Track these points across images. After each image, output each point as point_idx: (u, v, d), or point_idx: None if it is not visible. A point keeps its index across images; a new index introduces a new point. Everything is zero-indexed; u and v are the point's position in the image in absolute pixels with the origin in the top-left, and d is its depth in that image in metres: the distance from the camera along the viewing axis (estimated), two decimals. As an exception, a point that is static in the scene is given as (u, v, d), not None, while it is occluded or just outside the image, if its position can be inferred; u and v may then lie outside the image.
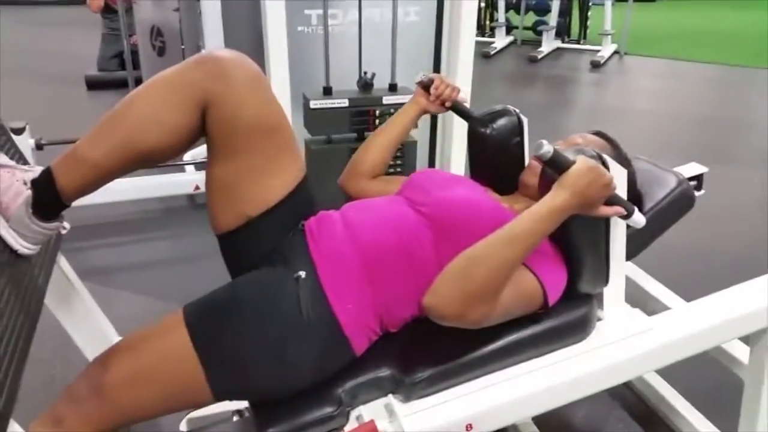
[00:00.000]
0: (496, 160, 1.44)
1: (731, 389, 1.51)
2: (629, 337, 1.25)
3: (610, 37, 6.81)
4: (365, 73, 2.24)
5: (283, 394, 1.07)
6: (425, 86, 1.45)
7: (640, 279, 1.64)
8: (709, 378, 1.69)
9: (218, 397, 1.05)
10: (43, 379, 1.80)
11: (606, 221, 1.18)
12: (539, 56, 6.64)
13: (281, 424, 1.04)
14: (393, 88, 2.30)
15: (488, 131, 1.43)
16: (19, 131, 2.50)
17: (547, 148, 1.03)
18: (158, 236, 2.90)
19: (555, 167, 1.06)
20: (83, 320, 1.40)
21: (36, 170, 1.04)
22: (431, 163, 2.62)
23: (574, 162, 1.05)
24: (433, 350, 1.14)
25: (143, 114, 1.02)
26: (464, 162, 2.01)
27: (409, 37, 2.43)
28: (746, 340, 1.40)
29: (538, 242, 1.07)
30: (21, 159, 1.28)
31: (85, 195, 1.05)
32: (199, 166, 3.11)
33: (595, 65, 6.38)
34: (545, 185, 1.10)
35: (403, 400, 1.10)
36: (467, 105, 1.48)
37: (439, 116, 2.48)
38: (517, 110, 1.45)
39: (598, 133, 1.38)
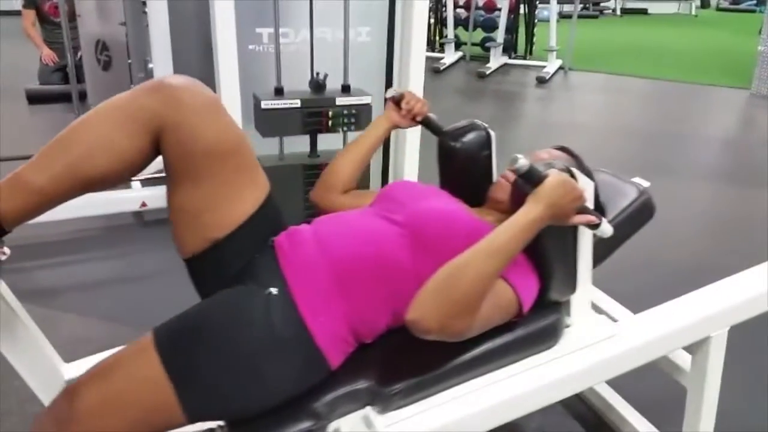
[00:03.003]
0: (466, 174, 1.48)
1: (675, 396, 1.55)
2: (597, 343, 1.28)
3: (555, 53, 7.01)
4: (317, 74, 2.18)
5: (258, 412, 1.05)
6: (396, 101, 1.49)
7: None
8: (655, 386, 1.73)
9: (192, 419, 1.02)
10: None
11: (574, 231, 1.22)
12: (487, 72, 6.78)
13: None
14: (346, 89, 2.27)
15: (458, 145, 1.46)
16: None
17: (523, 162, 1.07)
18: (105, 255, 2.79)
19: (529, 180, 1.10)
20: (24, 345, 1.33)
21: None
22: (384, 181, 2.63)
23: (547, 176, 1.09)
24: (409, 361, 1.15)
25: (92, 139, 0.99)
26: (416, 179, 2.02)
27: (361, 56, 2.44)
28: (688, 348, 1.45)
29: (517, 253, 1.09)
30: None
31: (26, 221, 1.00)
32: (146, 182, 2.98)
33: (541, 81, 6.55)
34: (518, 198, 1.13)
35: (381, 412, 1.11)
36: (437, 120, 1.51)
37: (392, 135, 2.50)
38: (486, 125, 1.48)
39: (562, 148, 1.42)
